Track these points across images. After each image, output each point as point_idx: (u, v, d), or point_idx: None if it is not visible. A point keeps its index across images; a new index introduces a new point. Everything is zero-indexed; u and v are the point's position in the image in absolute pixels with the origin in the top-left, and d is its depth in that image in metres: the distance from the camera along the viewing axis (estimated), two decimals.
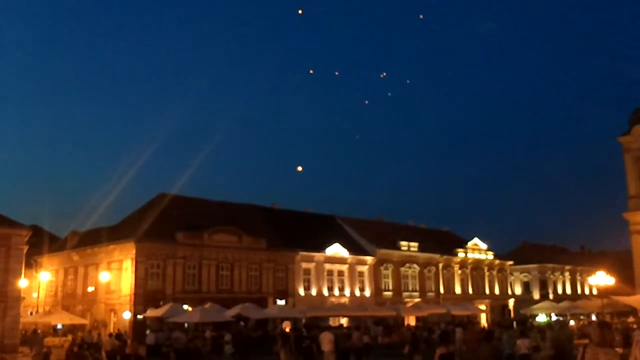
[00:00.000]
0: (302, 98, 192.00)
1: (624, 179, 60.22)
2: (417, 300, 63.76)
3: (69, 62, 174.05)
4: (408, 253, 66.36)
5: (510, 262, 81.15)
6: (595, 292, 77.25)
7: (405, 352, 17.46)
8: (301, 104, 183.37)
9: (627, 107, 75.47)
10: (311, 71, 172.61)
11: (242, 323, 43.29)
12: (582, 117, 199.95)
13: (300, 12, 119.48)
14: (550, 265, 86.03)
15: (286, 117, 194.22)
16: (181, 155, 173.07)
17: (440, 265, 69.71)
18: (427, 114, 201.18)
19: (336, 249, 58.97)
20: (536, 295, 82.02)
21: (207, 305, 42.08)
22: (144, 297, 45.10)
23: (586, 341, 7.20)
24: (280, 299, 52.62)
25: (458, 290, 71.43)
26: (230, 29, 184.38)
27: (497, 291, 77.01)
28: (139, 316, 44.02)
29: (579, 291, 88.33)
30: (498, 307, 74.88)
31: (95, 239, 50.76)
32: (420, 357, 15.66)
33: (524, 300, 76.99)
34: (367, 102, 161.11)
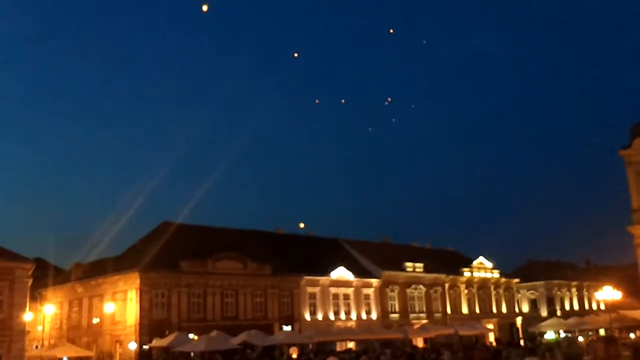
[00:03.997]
0: (305, 124, 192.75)
1: (627, 192, 60.22)
2: (425, 321, 63.37)
3: (70, 89, 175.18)
4: (414, 274, 66.06)
5: (517, 280, 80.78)
6: (602, 307, 76.77)
7: None
8: (305, 130, 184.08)
9: (629, 119, 75.67)
10: (317, 101, 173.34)
11: (248, 350, 43.00)
12: (584, 131, 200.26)
13: (296, 55, 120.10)
14: (556, 281, 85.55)
15: (289, 142, 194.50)
16: (185, 184, 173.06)
17: (447, 285, 69.36)
18: (429, 135, 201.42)
19: (341, 272, 58.74)
20: (544, 313, 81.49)
21: (213, 334, 41.85)
22: (149, 327, 44.89)
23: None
24: (287, 325, 52.27)
25: (465, 310, 70.98)
26: (235, 58, 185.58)
27: (504, 309, 76.53)
28: (144, 346, 43.80)
29: (587, 307, 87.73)
30: (506, 326, 74.34)
31: (99, 270, 50.70)
32: None
33: (532, 317, 76.52)
34: (370, 129, 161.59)
